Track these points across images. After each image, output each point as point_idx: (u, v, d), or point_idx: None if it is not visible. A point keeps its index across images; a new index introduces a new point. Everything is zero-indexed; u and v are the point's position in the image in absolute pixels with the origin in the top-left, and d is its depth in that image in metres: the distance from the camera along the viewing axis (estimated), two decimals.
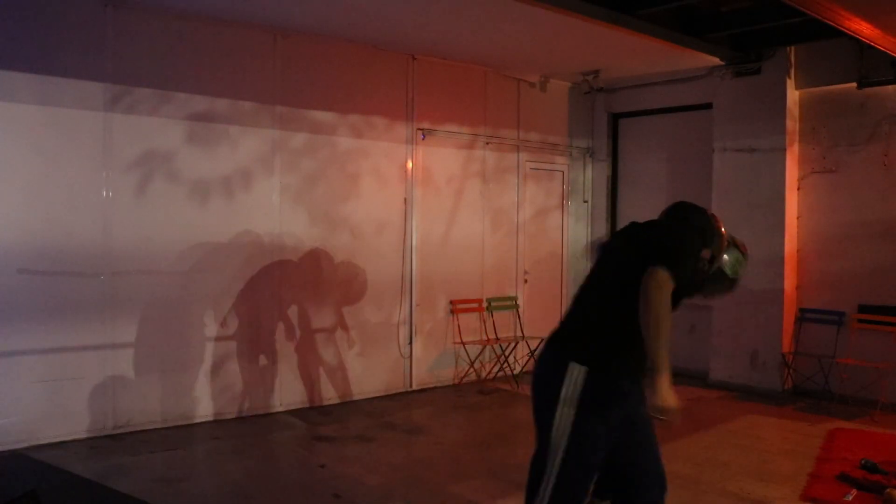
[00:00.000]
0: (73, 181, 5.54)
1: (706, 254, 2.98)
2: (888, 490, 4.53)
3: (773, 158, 7.47)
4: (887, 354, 6.80)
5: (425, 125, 7.57)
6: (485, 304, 8.04)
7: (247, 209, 6.38)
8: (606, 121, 9.14)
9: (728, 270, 3.18)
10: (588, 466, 2.93)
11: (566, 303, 8.68)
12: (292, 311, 6.66)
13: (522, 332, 8.20)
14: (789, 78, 7.45)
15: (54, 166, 5.46)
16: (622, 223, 9.11)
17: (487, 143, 8.14)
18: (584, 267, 9.25)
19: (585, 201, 9.24)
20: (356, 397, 7.10)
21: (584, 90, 8.90)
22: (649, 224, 3.11)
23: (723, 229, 3.09)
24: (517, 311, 8.34)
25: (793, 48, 7.41)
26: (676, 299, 2.81)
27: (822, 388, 7.14)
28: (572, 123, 9.06)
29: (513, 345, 8.04)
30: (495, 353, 8.01)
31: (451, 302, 7.79)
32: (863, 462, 5.12)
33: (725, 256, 3.16)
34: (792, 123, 7.49)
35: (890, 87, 6.93)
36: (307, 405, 6.75)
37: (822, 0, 4.94)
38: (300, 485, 4.85)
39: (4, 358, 5.27)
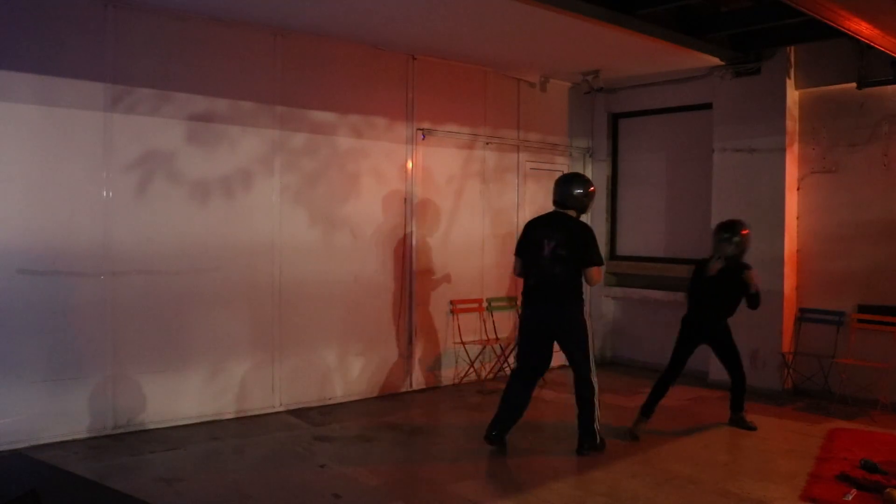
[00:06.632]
0: (73, 181, 5.54)
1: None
2: (888, 490, 4.54)
3: (773, 158, 7.47)
4: (887, 354, 6.81)
5: (425, 125, 7.57)
6: (485, 304, 8.03)
7: (247, 209, 6.38)
8: (606, 121, 9.14)
9: None
10: None
11: None
12: (292, 311, 6.66)
13: None
14: (789, 78, 7.45)
15: (54, 166, 5.46)
16: (622, 223, 9.14)
17: (487, 143, 8.14)
18: None
19: None
20: (356, 397, 7.10)
21: (584, 90, 8.89)
22: None
23: None
24: (517, 311, 8.32)
25: (793, 48, 7.41)
26: None
27: (821, 387, 7.15)
28: (572, 123, 9.06)
29: (513, 345, 8.03)
30: (495, 353, 8.01)
31: (451, 302, 7.79)
32: (862, 462, 5.13)
33: None
34: (792, 123, 7.49)
35: (890, 87, 6.93)
36: (307, 405, 6.75)
37: (822, 0, 4.94)
38: (300, 485, 4.85)
39: (4, 358, 5.27)
